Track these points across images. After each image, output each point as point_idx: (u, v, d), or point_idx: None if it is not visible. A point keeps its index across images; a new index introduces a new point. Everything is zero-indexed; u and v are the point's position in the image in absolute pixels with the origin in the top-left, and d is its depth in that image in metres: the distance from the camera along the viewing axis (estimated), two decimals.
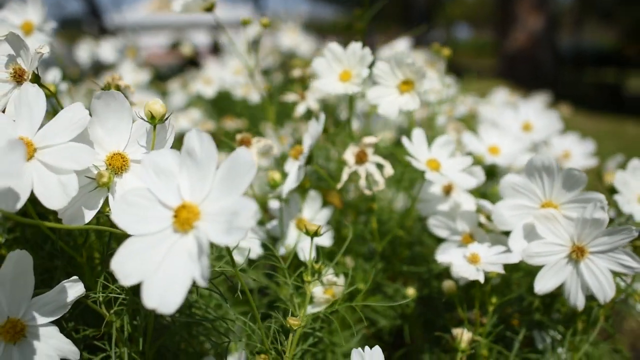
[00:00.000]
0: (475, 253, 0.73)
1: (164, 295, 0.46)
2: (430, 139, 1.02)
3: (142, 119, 0.59)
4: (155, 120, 0.57)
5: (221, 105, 1.77)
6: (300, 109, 0.96)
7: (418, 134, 0.80)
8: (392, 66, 0.80)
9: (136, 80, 1.70)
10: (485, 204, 0.79)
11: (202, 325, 0.76)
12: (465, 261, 0.73)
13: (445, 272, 0.97)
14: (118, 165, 0.59)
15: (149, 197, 0.51)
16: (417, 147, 0.79)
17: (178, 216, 0.48)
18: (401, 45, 1.71)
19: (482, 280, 0.69)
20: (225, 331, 0.80)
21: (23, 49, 0.61)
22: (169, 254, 0.48)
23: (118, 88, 0.75)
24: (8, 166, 0.42)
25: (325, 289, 0.74)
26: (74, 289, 0.59)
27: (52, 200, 0.53)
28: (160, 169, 0.51)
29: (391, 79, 0.81)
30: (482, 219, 0.80)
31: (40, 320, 0.57)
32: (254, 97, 1.68)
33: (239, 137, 0.77)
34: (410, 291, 0.88)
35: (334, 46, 0.80)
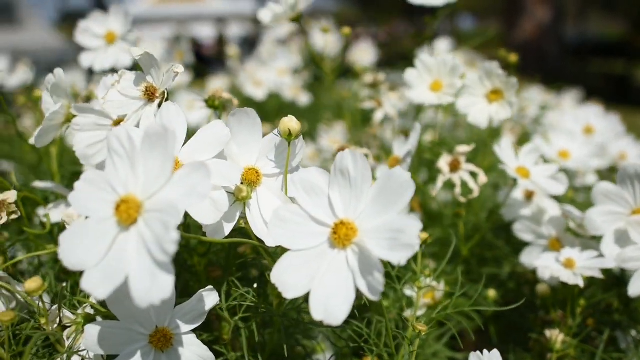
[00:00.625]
0: (570, 258, 0.76)
1: (329, 309, 0.49)
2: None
3: (276, 135, 0.61)
4: (291, 137, 0.60)
5: (265, 107, 1.79)
6: (378, 116, 0.99)
7: (506, 142, 0.82)
8: (481, 76, 0.82)
9: (180, 80, 1.72)
10: (572, 209, 0.82)
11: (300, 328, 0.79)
12: (559, 265, 0.76)
13: (520, 274, 1.00)
14: (253, 179, 0.62)
15: (301, 213, 0.54)
16: (505, 154, 0.81)
17: (337, 232, 0.51)
18: (442, 45, 1.73)
19: (581, 284, 0.72)
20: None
21: (154, 67, 0.64)
22: (330, 269, 0.51)
23: (222, 101, 0.78)
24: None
25: (425, 294, 0.77)
26: (210, 298, 0.62)
27: (206, 216, 0.55)
28: (310, 186, 0.54)
29: (479, 88, 0.83)
30: (572, 224, 0.83)
31: (183, 328, 0.60)
32: (303, 99, 1.70)
33: (336, 146, 0.80)
34: (492, 293, 0.92)
35: (425, 57, 0.82)
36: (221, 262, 0.74)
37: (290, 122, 0.59)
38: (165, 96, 0.63)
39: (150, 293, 0.44)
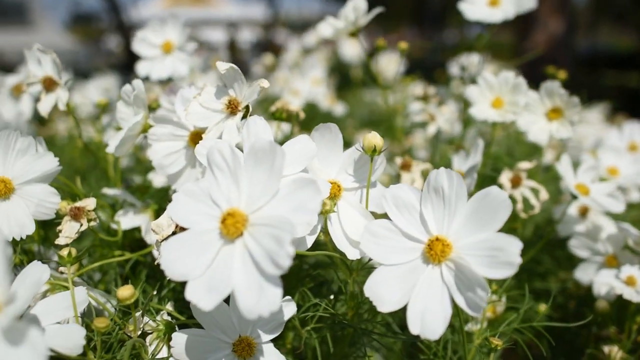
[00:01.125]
0: (632, 275, 0.77)
1: (426, 323, 0.50)
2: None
3: (359, 150, 0.63)
4: (375, 153, 0.61)
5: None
6: (431, 130, 1.00)
7: (565, 159, 0.83)
8: (541, 95, 0.84)
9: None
10: (629, 227, 0.83)
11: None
12: (621, 283, 0.77)
13: (567, 289, 1.01)
14: (335, 193, 0.63)
15: (392, 229, 0.55)
16: (565, 171, 0.82)
17: (433, 249, 0.52)
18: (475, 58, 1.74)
19: None
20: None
21: (238, 82, 0.65)
22: (424, 284, 0.52)
23: (289, 112, 0.79)
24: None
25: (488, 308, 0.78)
26: (288, 308, 0.63)
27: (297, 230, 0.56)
28: (402, 202, 0.55)
29: (539, 106, 0.85)
30: (630, 242, 0.84)
31: (263, 338, 0.61)
32: (339, 109, 1.71)
33: (399, 161, 0.81)
34: (542, 308, 0.92)
35: (487, 75, 0.84)
36: (292, 274, 0.75)
37: (375, 139, 0.61)
38: (249, 110, 0.64)
39: (258, 305, 0.45)
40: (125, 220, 0.77)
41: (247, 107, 0.66)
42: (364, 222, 0.63)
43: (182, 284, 0.78)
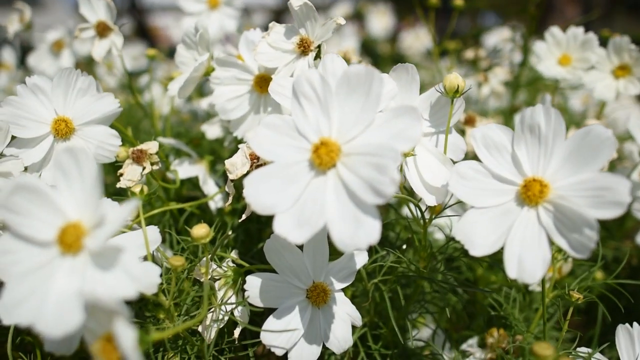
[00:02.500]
0: None
1: (524, 267, 0.47)
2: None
3: (438, 91, 0.60)
4: (457, 95, 0.58)
5: None
6: (484, 91, 0.97)
7: (636, 120, 0.80)
8: (608, 52, 0.80)
9: None
10: None
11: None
12: None
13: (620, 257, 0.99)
14: None
15: (482, 170, 0.52)
16: (636, 133, 0.79)
17: (530, 190, 0.49)
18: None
19: None
20: None
21: (311, 20, 0.62)
22: (520, 227, 0.49)
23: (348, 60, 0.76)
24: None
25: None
26: (360, 257, 0.61)
27: None
28: (492, 143, 0.52)
29: (606, 64, 0.81)
30: None
31: (336, 286, 0.59)
32: None
33: (463, 117, 0.78)
34: (599, 275, 0.90)
35: (555, 30, 0.81)
36: None
37: (457, 79, 0.58)
38: (322, 49, 0.62)
39: (355, 237, 0.43)
40: (182, 170, 0.75)
41: (319, 46, 0.63)
42: (441, 168, 0.60)
43: (244, 232, 0.76)
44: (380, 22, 2.17)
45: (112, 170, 0.95)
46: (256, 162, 0.56)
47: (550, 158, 0.50)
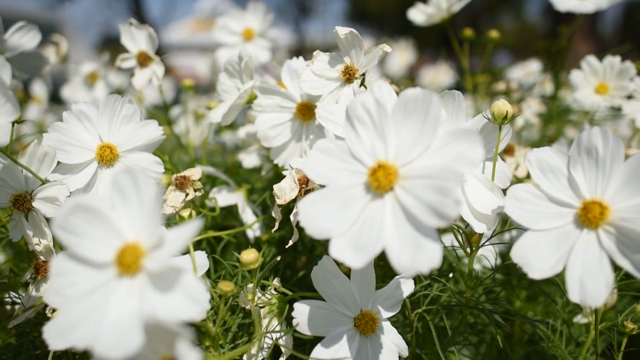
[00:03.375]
0: None
1: (586, 289, 0.46)
2: None
3: (486, 117, 0.60)
4: (506, 121, 0.58)
5: None
6: (519, 122, 0.97)
7: None
8: None
9: None
10: None
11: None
12: None
13: None
14: None
15: (537, 193, 0.52)
16: None
17: (591, 212, 0.48)
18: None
19: None
20: None
21: (356, 48, 0.63)
22: (580, 250, 0.48)
23: None
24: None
25: None
26: (407, 285, 0.59)
27: None
28: (547, 165, 0.52)
29: None
30: None
31: (383, 314, 0.58)
32: None
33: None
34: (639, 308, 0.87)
35: (591, 59, 0.81)
36: None
37: (506, 106, 0.58)
38: (369, 78, 0.62)
39: (415, 261, 0.42)
40: (221, 198, 0.74)
41: (363, 74, 0.63)
42: (489, 194, 0.59)
43: (288, 264, 0.75)
44: (401, 58, 2.19)
45: None
46: (305, 187, 0.56)
47: (609, 180, 0.49)
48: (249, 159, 0.82)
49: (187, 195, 0.64)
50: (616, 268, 0.76)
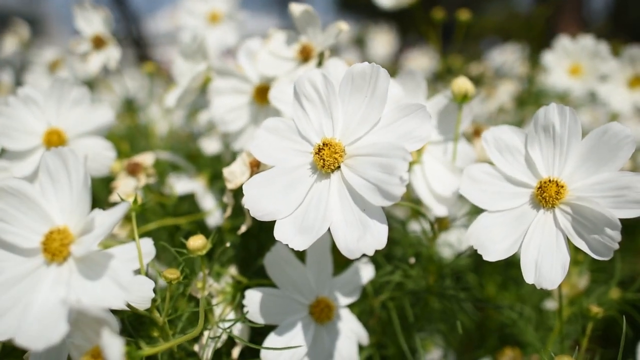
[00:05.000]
0: None
1: (542, 272, 0.45)
2: None
3: (446, 97, 0.58)
4: (466, 100, 0.56)
5: None
6: (492, 106, 0.95)
7: None
8: (623, 62, 0.79)
9: None
10: None
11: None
12: None
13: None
14: None
15: (494, 173, 0.50)
16: None
17: (546, 191, 0.46)
18: None
19: None
20: None
21: (312, 26, 0.60)
22: (536, 231, 0.46)
23: None
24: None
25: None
26: (366, 271, 0.58)
27: None
28: (504, 145, 0.50)
29: (619, 75, 0.80)
30: None
31: (341, 301, 0.56)
32: None
33: (472, 128, 0.76)
34: (615, 293, 0.86)
35: (564, 40, 0.79)
36: None
37: (467, 84, 0.56)
38: (325, 56, 0.60)
39: (361, 242, 0.40)
40: (180, 185, 0.72)
41: (321, 54, 0.61)
42: (450, 176, 0.58)
43: (244, 249, 0.73)
44: (383, 42, 2.16)
45: (105, 188, 0.92)
46: (256, 169, 0.54)
47: (566, 158, 0.47)
48: (210, 145, 0.80)
49: (138, 182, 0.62)
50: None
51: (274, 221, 0.43)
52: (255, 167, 0.54)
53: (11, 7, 9.21)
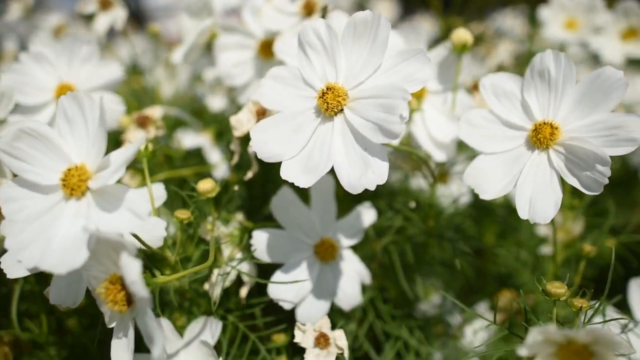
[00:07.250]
0: None
1: (535, 208, 0.47)
2: None
3: (446, 48, 0.59)
4: (465, 50, 0.57)
5: None
6: (491, 64, 0.96)
7: None
8: (617, 16, 0.80)
9: None
10: None
11: None
12: None
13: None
14: (419, 93, 0.60)
15: (491, 117, 0.52)
16: None
17: (541, 133, 0.48)
18: None
19: None
20: None
21: None
22: (531, 170, 0.48)
23: None
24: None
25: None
26: (368, 215, 0.60)
27: None
28: (501, 90, 0.52)
29: (613, 28, 0.81)
30: None
31: (344, 243, 0.59)
32: None
33: (471, 82, 0.77)
34: (610, 243, 0.89)
35: None
36: None
37: (466, 34, 0.57)
38: (328, 10, 0.61)
39: (363, 178, 0.43)
40: (187, 139, 0.74)
41: (324, 8, 0.62)
42: (450, 125, 0.60)
43: (250, 199, 0.76)
44: (384, 8, 2.14)
45: (115, 142, 0.94)
46: (262, 117, 0.56)
47: (560, 102, 0.49)
48: (215, 101, 0.82)
49: (147, 134, 0.64)
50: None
51: (279, 173, 0.45)
52: (261, 115, 0.56)
53: None
